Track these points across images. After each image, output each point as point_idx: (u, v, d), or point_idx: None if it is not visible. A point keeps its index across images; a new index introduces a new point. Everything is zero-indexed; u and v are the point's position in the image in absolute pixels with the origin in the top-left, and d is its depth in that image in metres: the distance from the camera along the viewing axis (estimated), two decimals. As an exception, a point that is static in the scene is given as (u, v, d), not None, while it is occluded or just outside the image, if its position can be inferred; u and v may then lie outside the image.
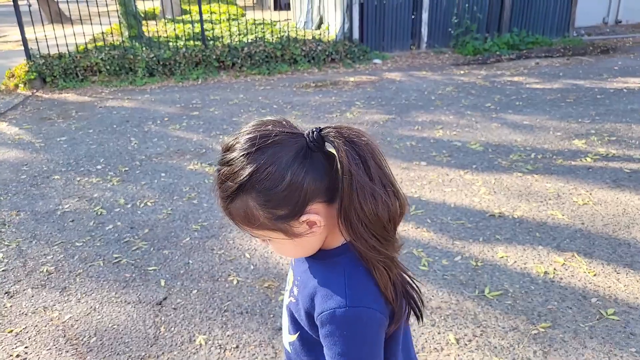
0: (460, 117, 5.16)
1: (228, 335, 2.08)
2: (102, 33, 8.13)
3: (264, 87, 6.91)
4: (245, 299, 2.31)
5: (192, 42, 8.23)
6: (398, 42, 9.02)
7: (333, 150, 0.79)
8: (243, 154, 0.77)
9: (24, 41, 7.04)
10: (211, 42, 8.16)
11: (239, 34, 8.76)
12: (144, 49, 7.66)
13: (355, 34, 8.71)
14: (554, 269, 2.48)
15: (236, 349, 2.00)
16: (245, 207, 0.79)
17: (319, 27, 10.43)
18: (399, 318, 0.83)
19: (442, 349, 1.99)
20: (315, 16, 10.88)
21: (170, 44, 8.08)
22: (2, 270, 2.63)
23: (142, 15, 10.20)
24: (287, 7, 14.53)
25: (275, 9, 16.34)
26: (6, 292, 2.44)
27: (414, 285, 0.87)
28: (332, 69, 8.04)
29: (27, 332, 2.16)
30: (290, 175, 0.76)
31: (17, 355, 2.02)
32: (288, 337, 0.97)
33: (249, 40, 8.30)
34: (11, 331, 2.17)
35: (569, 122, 4.78)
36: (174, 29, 8.58)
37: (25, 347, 2.06)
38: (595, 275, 2.42)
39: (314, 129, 0.79)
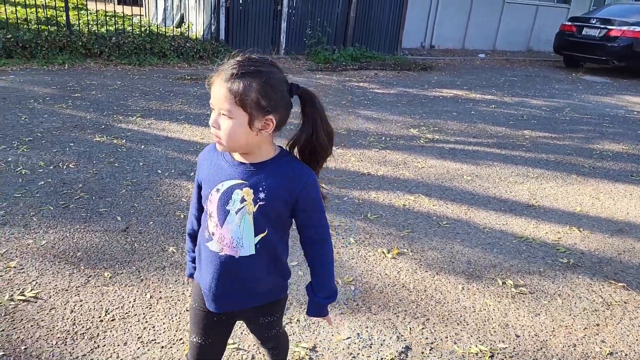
0: (325, 110, 6.24)
1: (193, 246, 2.67)
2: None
3: (138, 76, 7.11)
4: (197, 226, 2.91)
5: (46, 26, 7.87)
6: (260, 46, 9.90)
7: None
8: (269, 60, 1.20)
9: None
10: (75, 29, 7.96)
11: (97, 24, 8.64)
12: (-2, 28, 7.16)
13: (222, 35, 9.34)
14: (409, 202, 3.61)
15: (203, 253, 2.61)
16: (247, 85, 1.14)
17: (179, 25, 10.73)
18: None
19: (346, 246, 2.90)
20: (175, 14, 11.14)
21: (23, 26, 7.64)
22: (-51, 215, 2.73)
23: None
24: (134, 2, 14.28)
25: (119, 3, 15.85)
26: (-34, 229, 2.60)
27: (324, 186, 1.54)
28: (201, 65, 8.53)
29: (12, 253, 2.44)
30: (285, 89, 1.22)
31: (14, 267, 2.32)
32: (254, 240, 1.27)
33: (115, 31, 8.31)
34: (-5, 253, 2.42)
35: (405, 117, 6.20)
36: (26, 12, 8.09)
37: (18, 262, 2.36)
38: (434, 205, 3.60)
39: (295, 83, 1.25)
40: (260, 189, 1.23)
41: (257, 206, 1.23)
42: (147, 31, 8.63)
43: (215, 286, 1.31)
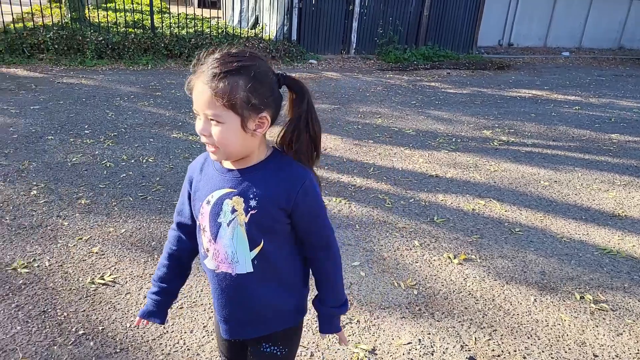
0: (394, 110, 6.15)
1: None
2: (31, 12, 8.07)
3: (214, 76, 7.43)
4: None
5: (133, 29, 8.44)
6: (330, 46, 9.96)
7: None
8: (252, 53, 1.06)
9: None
10: (158, 31, 8.46)
11: (178, 27, 9.12)
12: (92, 31, 7.78)
13: (294, 36, 9.50)
14: (479, 207, 3.46)
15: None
16: (233, 84, 1.00)
17: (254, 26, 11.05)
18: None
19: (411, 249, 2.83)
20: (250, 16, 11.49)
21: (113, 29, 8.25)
22: (44, 202, 3.02)
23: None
24: (212, 5, 14.92)
25: (199, 6, 16.66)
26: (58, 216, 2.86)
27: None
28: (273, 65, 8.74)
29: (95, 239, 2.64)
30: (273, 81, 1.08)
31: (96, 252, 2.52)
32: (250, 255, 1.13)
33: (194, 33, 8.73)
34: (81, 239, 2.64)
35: (478, 118, 5.96)
36: (115, 16, 8.73)
37: (99, 248, 2.56)
38: (506, 211, 3.43)
39: (283, 73, 1.11)
40: (251, 195, 1.09)
41: (248, 215, 1.09)
42: (224, 33, 8.98)
43: (219, 306, 1.20)
